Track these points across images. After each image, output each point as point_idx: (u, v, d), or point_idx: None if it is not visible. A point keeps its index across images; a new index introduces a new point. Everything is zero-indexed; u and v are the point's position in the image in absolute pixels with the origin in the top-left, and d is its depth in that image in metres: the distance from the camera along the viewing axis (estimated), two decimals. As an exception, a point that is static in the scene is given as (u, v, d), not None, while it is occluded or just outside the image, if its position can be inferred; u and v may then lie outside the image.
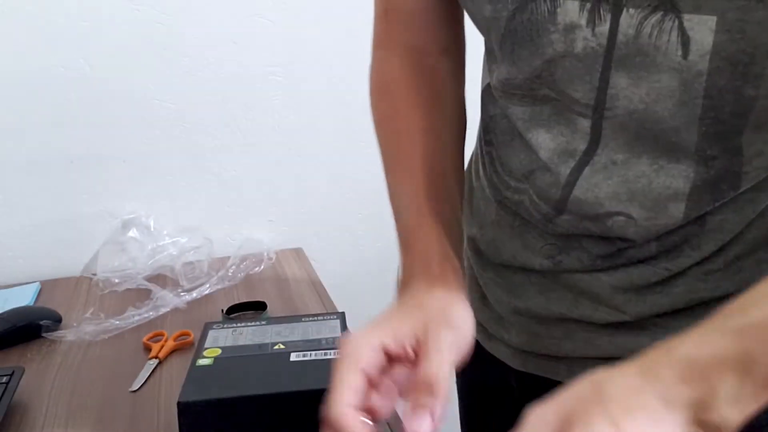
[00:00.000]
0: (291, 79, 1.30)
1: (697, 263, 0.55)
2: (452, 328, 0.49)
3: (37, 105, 1.19)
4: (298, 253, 1.32)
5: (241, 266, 1.22)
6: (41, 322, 1.02)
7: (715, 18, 0.44)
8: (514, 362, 0.67)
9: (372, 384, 0.48)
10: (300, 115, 1.32)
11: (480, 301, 0.69)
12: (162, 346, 0.96)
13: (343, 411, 0.46)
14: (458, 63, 0.67)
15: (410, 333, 0.49)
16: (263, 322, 0.84)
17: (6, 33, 1.15)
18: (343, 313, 0.86)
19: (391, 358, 0.49)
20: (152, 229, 1.24)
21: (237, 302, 1.07)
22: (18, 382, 0.84)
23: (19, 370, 0.86)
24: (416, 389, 0.46)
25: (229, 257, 1.24)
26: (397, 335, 0.49)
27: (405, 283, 0.55)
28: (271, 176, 1.33)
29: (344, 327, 0.82)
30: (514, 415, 0.74)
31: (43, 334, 1.01)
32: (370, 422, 0.46)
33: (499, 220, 0.64)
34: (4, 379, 0.83)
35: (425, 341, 0.48)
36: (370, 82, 0.67)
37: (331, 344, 0.78)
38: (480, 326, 0.70)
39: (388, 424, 0.77)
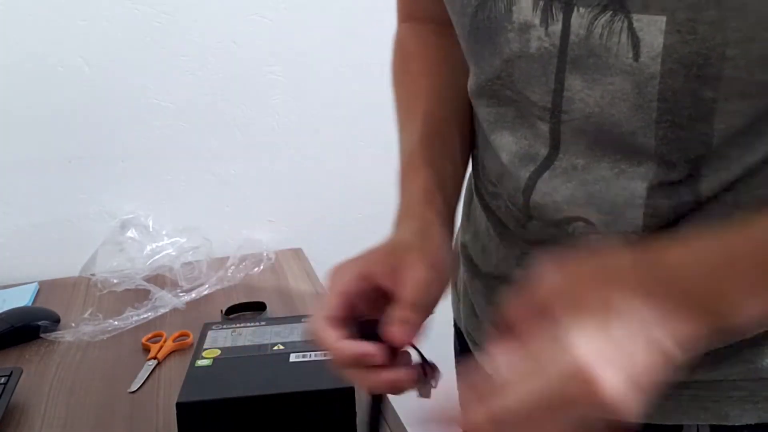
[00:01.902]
0: (291, 79, 1.29)
1: None
2: (430, 267, 0.52)
3: (35, 104, 1.19)
4: (297, 253, 1.32)
5: (241, 266, 1.22)
6: (39, 323, 1.02)
7: (664, 18, 0.43)
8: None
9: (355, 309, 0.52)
10: (300, 115, 1.32)
11: (470, 310, 0.68)
12: (161, 347, 0.95)
13: (321, 326, 0.50)
14: None
15: (388, 265, 0.52)
16: (262, 323, 0.84)
17: (5, 32, 1.14)
18: (342, 314, 0.85)
19: (377, 291, 0.52)
20: (151, 229, 1.24)
21: (236, 303, 1.07)
22: (16, 383, 0.84)
23: (17, 371, 0.86)
24: (394, 310, 0.50)
25: (228, 257, 1.23)
26: (378, 266, 0.53)
27: (393, 226, 0.59)
28: (271, 176, 1.33)
29: (344, 327, 0.82)
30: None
31: (42, 335, 1.01)
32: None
33: (487, 228, 0.63)
34: (3, 380, 0.83)
35: (402, 274, 0.51)
36: (392, 53, 0.70)
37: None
38: (470, 337, 0.70)
39: (388, 424, 0.77)
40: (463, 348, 0.75)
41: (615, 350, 0.40)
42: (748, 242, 0.43)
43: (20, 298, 1.13)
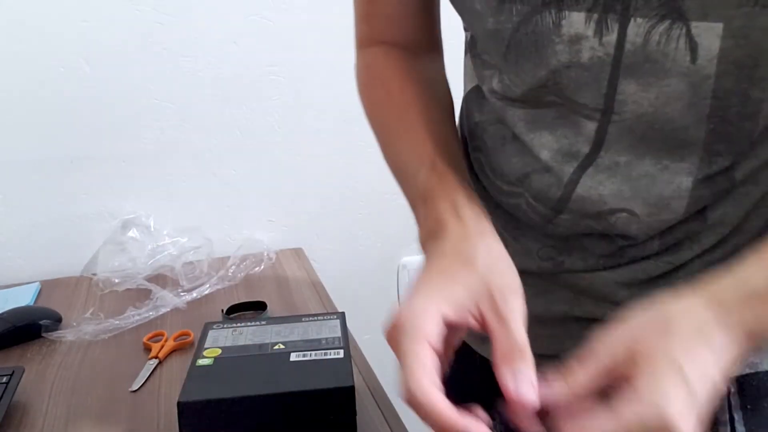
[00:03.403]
0: (291, 79, 1.30)
1: (698, 255, 0.56)
2: (515, 292, 0.48)
3: (37, 105, 1.19)
4: (298, 252, 1.32)
5: (241, 266, 1.22)
6: (41, 322, 1.02)
7: (721, 24, 0.46)
8: None
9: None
10: (300, 115, 1.32)
11: None
12: (162, 346, 0.96)
13: (429, 392, 0.43)
14: (439, 63, 0.69)
15: (471, 302, 0.47)
16: (263, 322, 0.84)
17: (6, 33, 1.15)
18: (343, 313, 0.86)
19: (450, 327, 0.47)
20: (152, 229, 1.25)
21: (237, 302, 1.07)
22: (18, 382, 0.84)
23: (19, 370, 0.86)
24: (510, 358, 0.46)
25: (229, 257, 1.24)
26: (458, 304, 0.47)
27: (434, 232, 0.52)
28: (271, 176, 1.33)
29: (344, 327, 0.82)
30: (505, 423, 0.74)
31: (43, 334, 1.01)
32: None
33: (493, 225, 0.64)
34: (4, 379, 0.83)
35: (497, 311, 0.47)
36: (357, 79, 0.70)
37: (332, 344, 0.78)
38: (476, 332, 0.70)
39: (388, 424, 0.77)
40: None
41: (693, 401, 0.41)
42: None
43: (22, 298, 1.13)
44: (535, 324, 0.63)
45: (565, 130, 0.55)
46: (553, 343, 0.63)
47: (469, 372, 0.77)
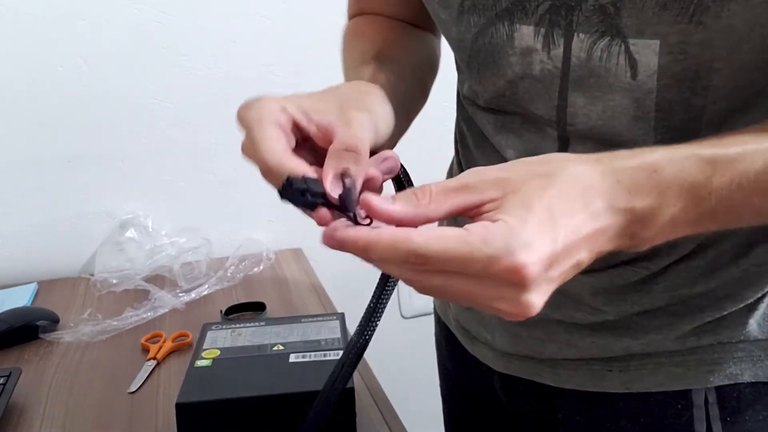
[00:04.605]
0: (291, 79, 1.29)
1: (676, 262, 0.56)
2: (367, 111, 0.48)
3: (34, 104, 1.18)
4: (297, 253, 1.32)
5: (240, 267, 1.21)
6: (38, 323, 1.02)
7: (658, 42, 0.47)
8: (497, 365, 0.68)
9: None
10: (299, 115, 1.32)
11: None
12: (160, 347, 0.95)
13: (282, 157, 0.44)
14: (430, 37, 0.70)
15: (322, 111, 0.49)
16: (262, 323, 0.84)
17: (4, 32, 1.14)
18: (342, 314, 0.85)
19: (299, 134, 0.48)
20: (150, 230, 1.24)
21: (236, 303, 1.07)
22: (15, 383, 0.84)
23: (16, 371, 0.86)
24: (337, 156, 0.45)
25: (227, 257, 1.23)
26: (307, 109, 0.49)
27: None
28: (271, 176, 1.33)
29: (344, 328, 0.82)
30: (498, 418, 0.75)
31: (41, 335, 1.01)
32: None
33: None
34: (2, 381, 0.83)
35: (340, 118, 0.47)
36: (343, 35, 0.71)
37: (331, 345, 0.77)
38: (463, 329, 0.71)
39: (388, 425, 0.77)
40: (450, 346, 0.75)
41: (553, 255, 0.38)
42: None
43: (19, 298, 1.13)
44: (517, 324, 0.64)
45: (530, 135, 0.57)
46: (535, 345, 0.63)
47: (461, 370, 0.77)
